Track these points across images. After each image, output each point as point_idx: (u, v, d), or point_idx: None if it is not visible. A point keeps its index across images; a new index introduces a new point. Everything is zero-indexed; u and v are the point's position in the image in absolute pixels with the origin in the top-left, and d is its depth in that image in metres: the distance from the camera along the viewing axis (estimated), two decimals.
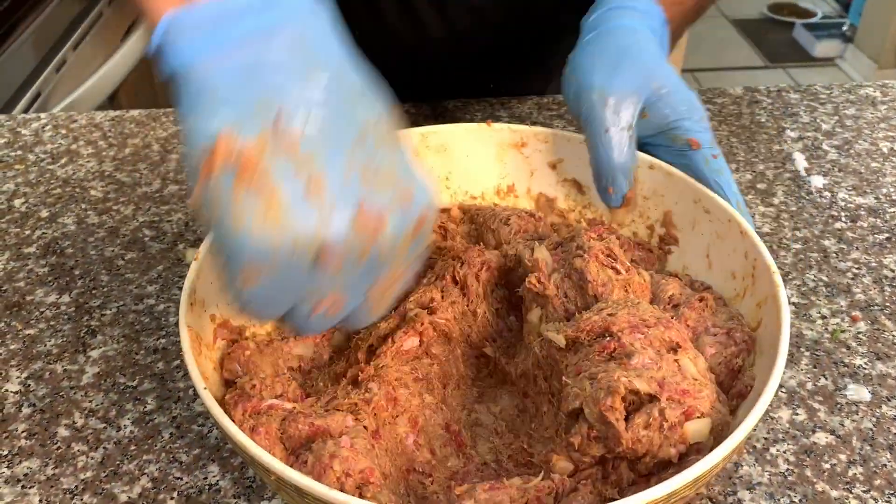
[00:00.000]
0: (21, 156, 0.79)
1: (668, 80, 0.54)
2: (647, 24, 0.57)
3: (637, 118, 0.53)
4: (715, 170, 0.53)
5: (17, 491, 0.47)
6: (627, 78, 0.53)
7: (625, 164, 0.53)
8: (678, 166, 0.54)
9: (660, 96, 0.53)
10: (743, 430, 0.38)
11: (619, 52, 0.54)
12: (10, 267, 0.65)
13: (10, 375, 0.55)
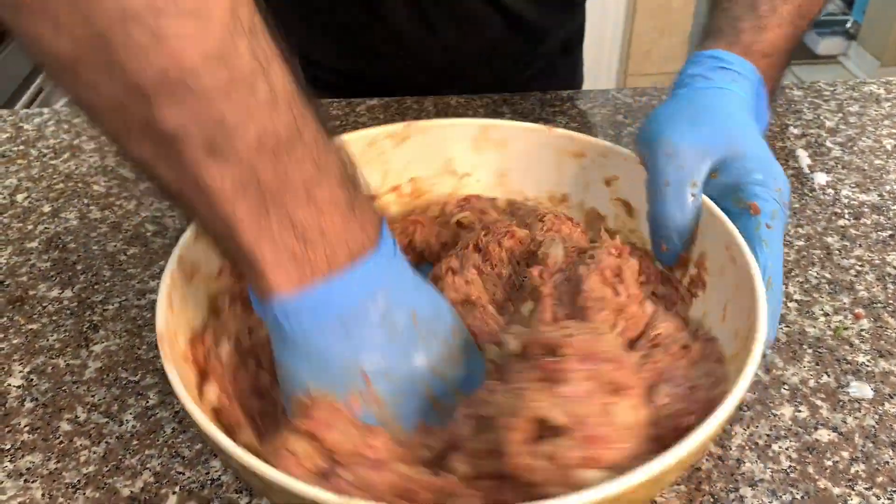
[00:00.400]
0: (23, 151, 0.79)
1: (751, 143, 0.51)
2: (739, 83, 0.54)
3: (706, 177, 0.50)
4: (762, 238, 0.48)
5: (20, 485, 0.48)
6: (702, 134, 0.50)
7: (681, 222, 0.50)
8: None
9: (735, 157, 0.50)
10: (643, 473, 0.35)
11: (701, 109, 0.52)
12: (13, 262, 0.65)
13: (12, 370, 0.55)
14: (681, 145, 0.50)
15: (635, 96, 0.85)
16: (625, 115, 0.82)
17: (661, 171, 0.50)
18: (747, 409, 0.51)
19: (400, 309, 0.42)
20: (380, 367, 0.41)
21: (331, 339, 0.40)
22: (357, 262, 0.40)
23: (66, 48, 0.32)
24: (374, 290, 0.41)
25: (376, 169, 0.59)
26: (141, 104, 0.33)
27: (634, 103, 0.84)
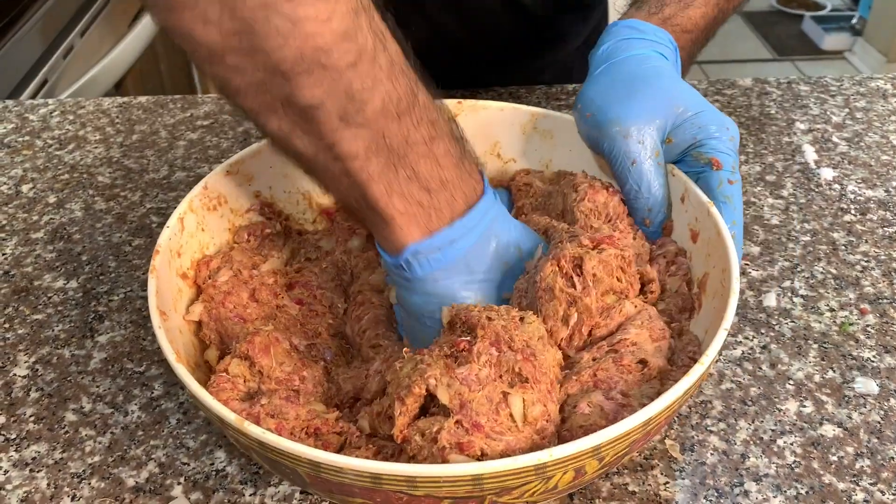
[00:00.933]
0: (29, 141, 0.79)
1: (692, 101, 0.52)
2: (658, 49, 0.55)
3: (662, 144, 0.52)
4: (726, 194, 0.50)
5: (25, 474, 0.48)
6: (646, 105, 0.51)
7: (657, 193, 0.51)
8: (693, 181, 0.52)
9: (685, 119, 0.51)
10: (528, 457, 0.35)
11: (633, 80, 0.53)
12: (18, 252, 0.65)
13: (18, 360, 0.55)
14: (634, 122, 0.51)
15: None
16: None
17: (623, 152, 0.51)
18: (752, 404, 0.51)
19: (509, 245, 0.47)
20: (493, 297, 0.47)
21: (454, 275, 0.45)
22: (472, 207, 0.45)
23: (215, 39, 0.37)
24: (488, 230, 0.46)
25: None
26: (281, 82, 0.37)
27: None
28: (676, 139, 0.52)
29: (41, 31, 1.16)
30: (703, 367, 0.39)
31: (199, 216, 0.53)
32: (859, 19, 2.93)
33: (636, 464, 0.48)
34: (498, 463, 0.35)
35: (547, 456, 0.35)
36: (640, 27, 0.56)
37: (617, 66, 0.54)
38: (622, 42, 0.55)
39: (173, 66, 1.70)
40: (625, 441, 0.37)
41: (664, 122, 0.51)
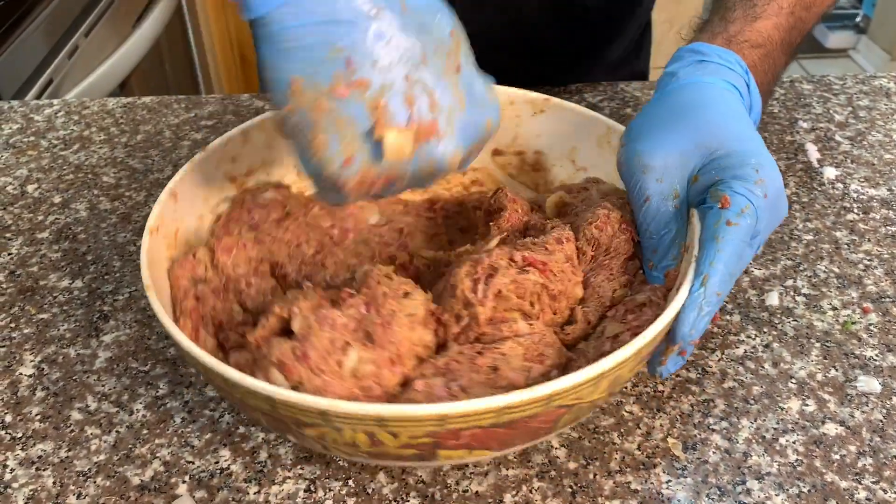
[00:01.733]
0: (34, 142, 0.79)
1: (732, 137, 0.47)
2: (724, 76, 0.51)
3: (688, 185, 0.48)
4: (718, 234, 0.44)
5: (31, 473, 0.48)
6: (677, 140, 0.48)
7: (664, 237, 0.48)
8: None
9: (716, 157, 0.47)
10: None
11: (677, 112, 0.49)
12: (24, 252, 0.65)
13: (24, 359, 0.56)
14: (657, 157, 0.47)
15: (644, 89, 0.85)
16: (633, 108, 0.81)
17: (639, 187, 0.48)
18: (754, 403, 0.52)
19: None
20: (364, 53, 0.41)
21: (311, 25, 0.40)
22: None
23: None
24: None
25: (509, 129, 0.62)
26: None
27: (643, 96, 0.83)
28: (702, 178, 0.47)
29: (46, 32, 1.17)
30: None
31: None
32: (863, 17, 2.92)
33: (638, 462, 0.48)
34: (289, 393, 0.39)
35: (327, 404, 0.38)
36: (703, 50, 0.52)
37: (670, 95, 0.51)
38: (682, 69, 0.52)
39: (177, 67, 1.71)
40: (420, 425, 0.39)
41: (690, 161, 0.47)
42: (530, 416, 0.40)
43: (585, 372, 0.39)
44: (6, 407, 0.52)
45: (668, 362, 0.46)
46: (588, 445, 0.49)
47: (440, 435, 0.39)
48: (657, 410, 0.51)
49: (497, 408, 0.38)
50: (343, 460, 0.48)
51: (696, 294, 0.43)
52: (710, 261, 0.44)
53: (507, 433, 0.41)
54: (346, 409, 0.38)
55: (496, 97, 0.47)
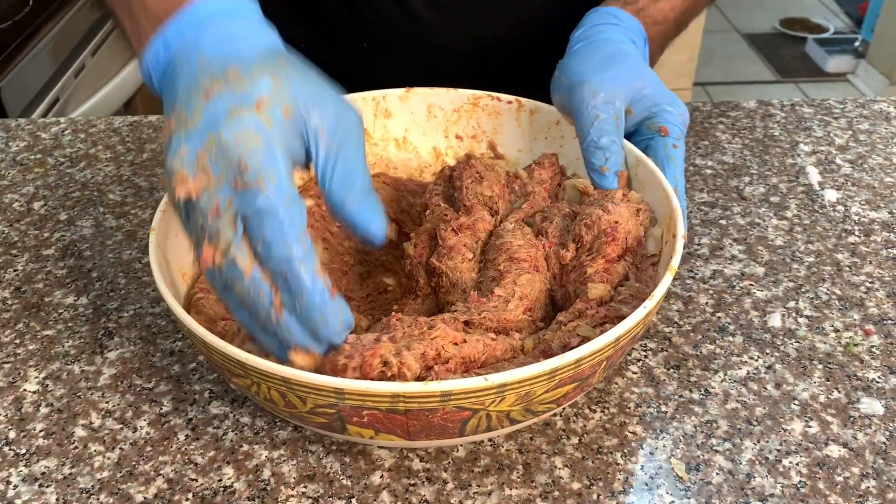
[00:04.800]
0: (41, 159, 0.80)
1: (652, 81, 0.60)
2: (630, 37, 0.62)
3: (623, 112, 0.58)
4: (669, 155, 0.58)
5: (35, 489, 0.48)
6: (616, 76, 0.58)
7: (615, 144, 0.57)
8: (640, 149, 0.59)
9: (644, 94, 0.59)
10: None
11: (607, 57, 0.60)
12: (30, 268, 0.66)
13: (28, 375, 0.56)
14: (603, 85, 0.57)
15: None
16: None
17: (589, 108, 0.57)
18: (757, 424, 0.52)
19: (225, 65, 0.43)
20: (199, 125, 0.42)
21: (168, 88, 0.45)
22: (169, 19, 0.45)
23: None
24: (188, 46, 0.45)
25: (552, 148, 0.66)
26: None
27: None
28: (635, 110, 0.59)
29: (53, 51, 1.18)
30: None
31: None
32: (862, 42, 2.95)
33: (642, 483, 0.48)
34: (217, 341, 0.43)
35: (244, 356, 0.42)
36: (618, 14, 0.63)
37: (593, 45, 0.61)
38: (600, 26, 0.63)
39: None
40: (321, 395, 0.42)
41: (628, 93, 0.58)
42: (428, 410, 0.41)
43: (478, 380, 0.40)
44: (10, 423, 0.52)
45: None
46: (591, 465, 0.49)
47: (343, 409, 0.42)
48: (660, 431, 0.51)
49: (389, 393, 0.40)
50: (346, 479, 0.48)
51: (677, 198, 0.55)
52: (674, 175, 0.57)
53: (409, 422, 0.42)
54: (257, 364, 0.42)
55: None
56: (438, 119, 0.67)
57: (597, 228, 0.53)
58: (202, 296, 0.53)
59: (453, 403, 0.41)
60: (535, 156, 0.65)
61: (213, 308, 0.52)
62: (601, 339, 0.43)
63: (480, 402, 0.42)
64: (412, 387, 0.40)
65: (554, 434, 0.51)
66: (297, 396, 0.43)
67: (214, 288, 0.43)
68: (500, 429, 0.45)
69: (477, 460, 0.49)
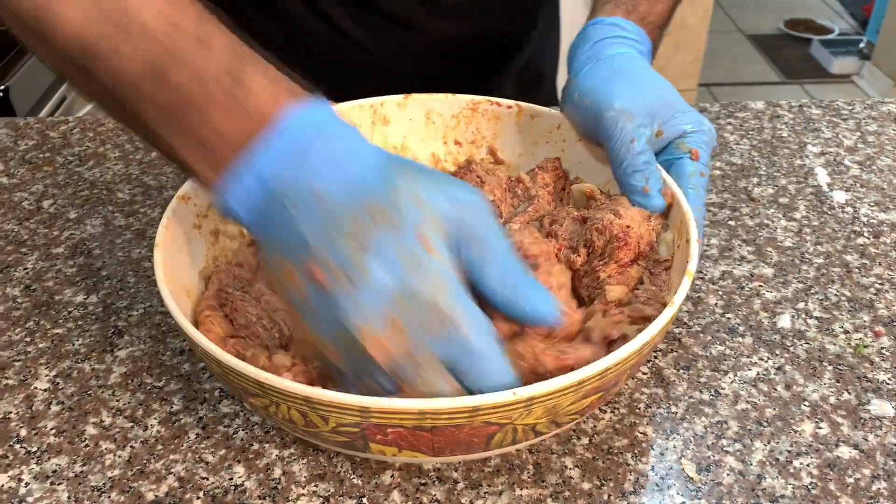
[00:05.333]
0: (49, 158, 0.80)
1: (680, 102, 0.58)
2: (639, 49, 0.60)
3: (654, 134, 0.57)
4: (695, 183, 0.56)
5: (46, 487, 0.48)
6: (646, 96, 0.56)
7: (650, 163, 0.55)
8: (665, 167, 0.57)
9: (674, 115, 0.57)
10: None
11: (629, 75, 0.58)
12: (39, 267, 0.66)
13: (39, 373, 0.56)
14: (635, 108, 0.55)
15: None
16: None
17: (625, 131, 0.55)
18: (767, 425, 0.52)
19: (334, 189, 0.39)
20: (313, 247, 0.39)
21: (278, 228, 0.40)
22: (245, 149, 0.39)
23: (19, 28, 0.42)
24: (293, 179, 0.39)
25: (553, 152, 0.65)
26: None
27: None
28: (666, 132, 0.57)
29: None
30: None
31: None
32: (867, 43, 2.94)
33: (653, 483, 0.48)
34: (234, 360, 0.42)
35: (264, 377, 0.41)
36: (624, 26, 0.61)
37: (607, 62, 0.59)
38: (608, 41, 0.60)
39: None
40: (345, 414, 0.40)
41: (658, 116, 0.57)
42: (455, 426, 0.40)
43: (507, 394, 0.39)
44: (21, 421, 0.52)
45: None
46: (602, 466, 0.49)
47: (367, 427, 0.41)
48: (671, 432, 0.51)
49: (416, 410, 0.39)
50: (357, 478, 0.48)
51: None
52: (696, 205, 0.54)
53: (435, 439, 0.41)
54: (278, 384, 0.40)
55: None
56: (437, 125, 0.66)
57: (608, 233, 0.53)
58: (210, 314, 0.51)
59: (481, 419, 0.40)
60: (537, 160, 0.64)
61: (221, 326, 0.51)
62: (628, 346, 0.42)
63: (508, 417, 0.41)
64: (440, 403, 0.39)
65: (564, 435, 0.51)
66: (319, 416, 0.41)
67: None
68: (525, 441, 0.45)
69: (488, 460, 0.49)
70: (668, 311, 0.45)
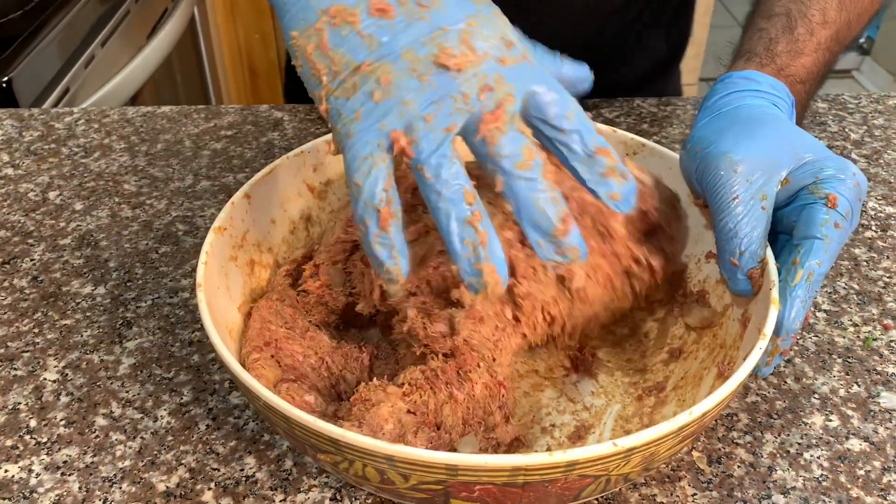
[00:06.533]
0: (55, 149, 0.80)
1: (817, 147, 0.48)
2: (774, 102, 0.52)
3: (774, 189, 0.47)
4: (826, 233, 0.45)
5: (57, 478, 0.48)
6: (764, 145, 0.48)
7: (753, 237, 0.46)
8: (792, 216, 0.47)
9: (807, 162, 0.47)
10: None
11: (752, 122, 0.50)
12: (46, 258, 0.66)
13: (47, 364, 0.56)
14: (747, 158, 0.47)
15: (660, 105, 0.85)
16: (650, 124, 0.82)
17: (727, 184, 0.47)
18: (777, 417, 0.52)
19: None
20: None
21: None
22: None
23: None
24: None
25: None
26: None
27: (659, 112, 0.84)
28: (795, 179, 0.47)
29: (63, 41, 1.18)
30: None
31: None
32: (867, 39, 2.94)
33: (664, 475, 0.48)
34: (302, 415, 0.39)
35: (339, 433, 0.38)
36: (756, 78, 0.53)
37: (729, 114, 0.51)
38: (736, 94, 0.52)
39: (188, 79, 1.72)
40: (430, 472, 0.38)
41: (781, 165, 0.47)
42: (548, 481, 0.38)
43: (607, 445, 0.37)
44: (31, 412, 0.52)
45: (774, 361, 0.47)
46: None
47: (451, 484, 0.38)
48: None
49: (510, 467, 0.37)
50: None
51: (801, 289, 0.45)
52: (816, 259, 0.45)
53: (524, 494, 0.39)
54: (355, 441, 0.37)
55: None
56: None
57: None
58: (257, 356, 0.49)
59: (577, 472, 0.38)
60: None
61: (271, 369, 0.48)
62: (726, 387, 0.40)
63: (605, 469, 0.39)
64: (536, 459, 0.37)
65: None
66: (400, 474, 0.39)
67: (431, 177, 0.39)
68: (614, 489, 0.43)
69: None
70: (755, 353, 0.42)
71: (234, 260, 0.53)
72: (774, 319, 0.44)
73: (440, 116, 0.39)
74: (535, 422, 0.51)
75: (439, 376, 0.46)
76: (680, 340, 0.54)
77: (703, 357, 0.51)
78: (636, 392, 0.52)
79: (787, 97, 0.53)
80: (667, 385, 0.52)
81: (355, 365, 0.51)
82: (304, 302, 0.54)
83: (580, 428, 0.50)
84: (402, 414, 0.44)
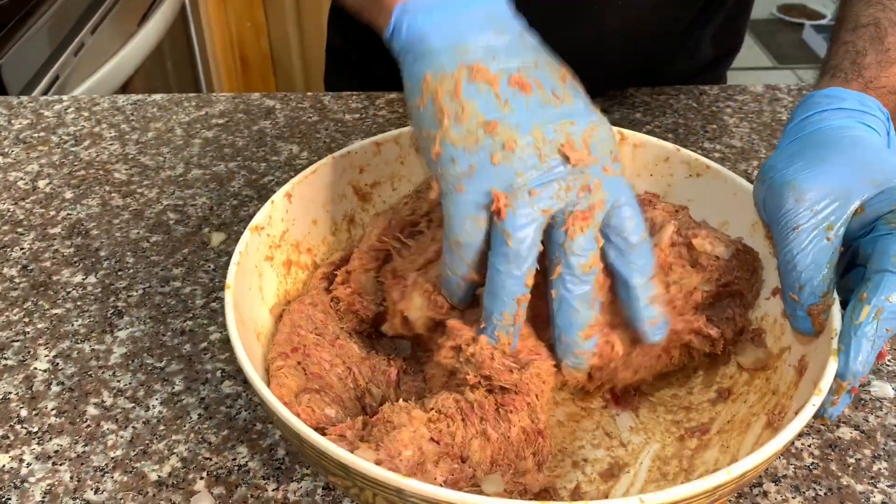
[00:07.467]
0: (44, 137, 0.79)
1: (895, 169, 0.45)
2: (863, 120, 0.48)
3: (848, 219, 0.44)
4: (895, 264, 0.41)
5: (48, 467, 0.48)
6: (833, 172, 0.45)
7: (813, 271, 0.43)
8: (868, 249, 0.43)
9: (885, 188, 0.44)
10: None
11: (824, 147, 0.46)
12: (36, 247, 0.65)
13: (38, 354, 0.55)
14: (813, 187, 0.44)
15: (653, 94, 0.85)
16: (643, 113, 0.82)
17: (789, 214, 0.44)
18: None
19: (505, 19, 0.46)
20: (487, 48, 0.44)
21: (436, 28, 0.44)
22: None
23: None
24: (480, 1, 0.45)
25: (659, 187, 0.59)
26: None
27: (653, 101, 0.84)
28: (870, 208, 0.44)
29: (52, 28, 1.17)
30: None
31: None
32: None
33: None
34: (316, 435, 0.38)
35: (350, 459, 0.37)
36: (840, 95, 0.49)
37: (807, 137, 0.48)
38: (818, 115, 0.49)
39: (179, 67, 1.71)
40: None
41: (855, 193, 0.44)
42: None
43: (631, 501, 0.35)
44: (21, 401, 0.52)
45: (840, 402, 0.42)
46: None
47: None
48: None
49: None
50: None
51: (869, 327, 0.41)
52: (887, 294, 0.41)
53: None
54: (365, 470, 0.37)
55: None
56: None
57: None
58: (281, 364, 0.47)
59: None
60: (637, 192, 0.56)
61: (294, 378, 0.47)
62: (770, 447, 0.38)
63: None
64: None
65: None
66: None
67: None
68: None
69: None
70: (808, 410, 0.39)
71: (269, 260, 0.52)
72: (833, 374, 0.41)
73: (543, 197, 0.42)
74: (566, 454, 0.48)
75: (475, 410, 0.43)
76: (730, 380, 0.51)
77: (753, 402, 0.48)
78: (678, 432, 0.49)
79: (879, 112, 0.49)
80: (711, 427, 0.48)
81: (382, 379, 0.49)
82: (336, 308, 0.52)
83: (614, 465, 0.47)
84: (424, 441, 0.42)
